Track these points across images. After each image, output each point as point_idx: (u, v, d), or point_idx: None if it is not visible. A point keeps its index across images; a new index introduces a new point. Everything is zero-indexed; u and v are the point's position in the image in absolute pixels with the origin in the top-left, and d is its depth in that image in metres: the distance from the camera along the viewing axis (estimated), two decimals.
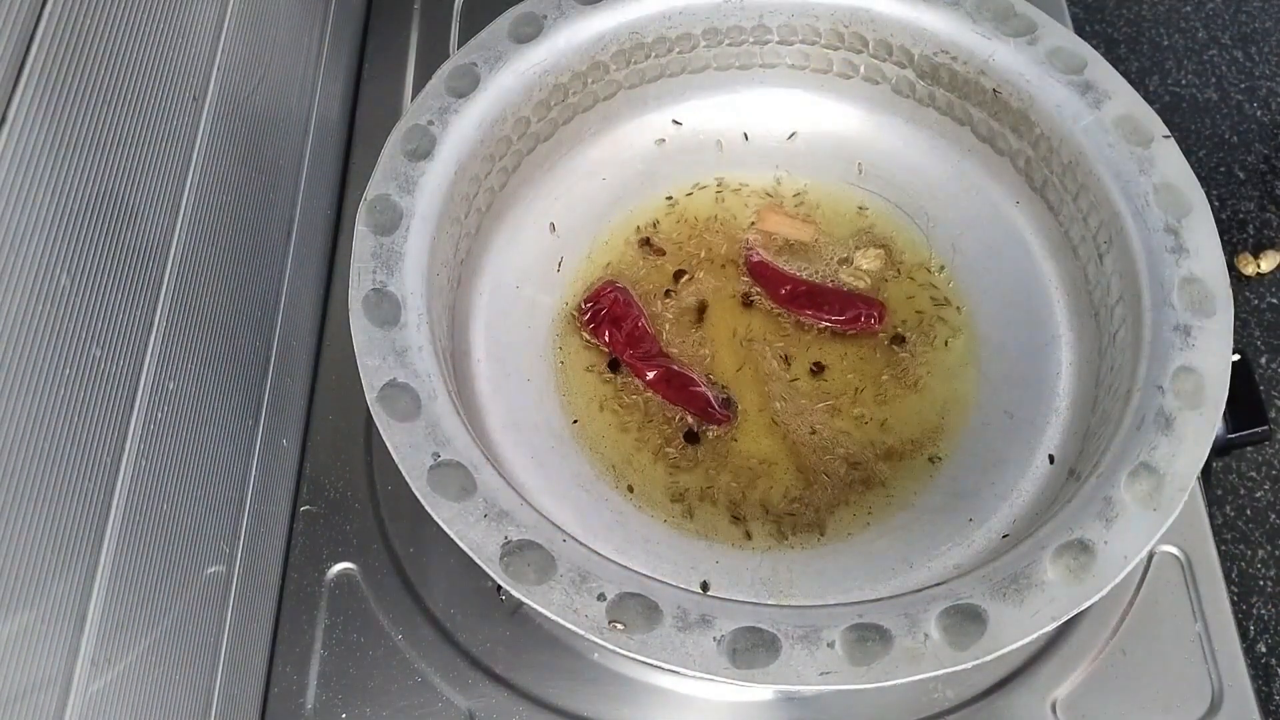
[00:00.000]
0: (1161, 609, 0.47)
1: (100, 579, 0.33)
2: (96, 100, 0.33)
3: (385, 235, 0.42)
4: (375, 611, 0.47)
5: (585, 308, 0.50)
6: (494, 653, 0.46)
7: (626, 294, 0.50)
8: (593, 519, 0.44)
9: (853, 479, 0.47)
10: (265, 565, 0.47)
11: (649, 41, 0.50)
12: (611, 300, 0.50)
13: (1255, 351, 1.02)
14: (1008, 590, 0.35)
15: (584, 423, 0.48)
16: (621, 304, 0.50)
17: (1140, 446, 0.38)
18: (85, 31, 0.32)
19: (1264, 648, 0.55)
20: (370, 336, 0.40)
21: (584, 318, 0.50)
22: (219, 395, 0.43)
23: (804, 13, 0.51)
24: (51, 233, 0.31)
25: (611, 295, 0.50)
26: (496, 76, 0.46)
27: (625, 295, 0.50)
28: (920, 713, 0.45)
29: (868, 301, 0.50)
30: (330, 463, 0.51)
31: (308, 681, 0.46)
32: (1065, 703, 0.45)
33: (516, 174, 0.50)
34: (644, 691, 0.46)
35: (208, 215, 0.42)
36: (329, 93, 0.59)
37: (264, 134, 0.48)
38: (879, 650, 0.34)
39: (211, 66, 0.43)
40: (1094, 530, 0.36)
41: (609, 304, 0.50)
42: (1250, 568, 0.59)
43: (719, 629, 0.34)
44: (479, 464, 0.37)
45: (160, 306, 0.38)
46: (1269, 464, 0.85)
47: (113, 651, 0.33)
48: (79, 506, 0.32)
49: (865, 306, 0.50)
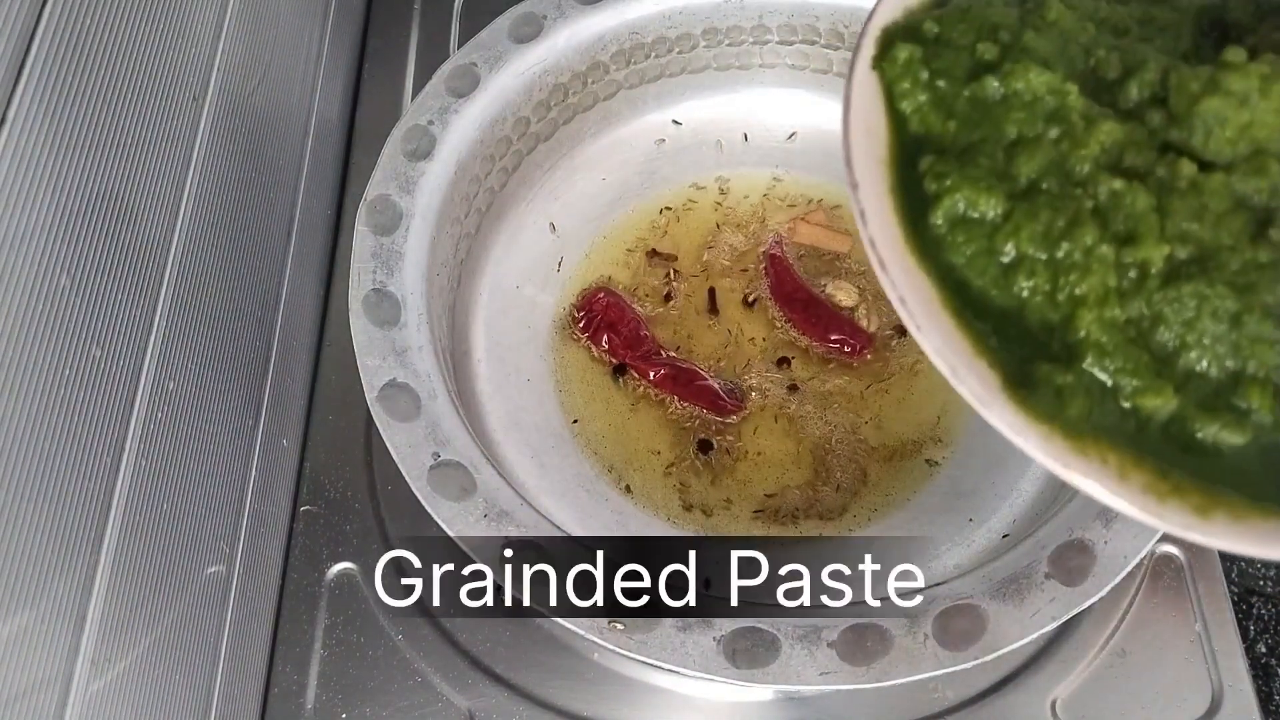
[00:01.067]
0: (1161, 609, 0.47)
1: (100, 579, 0.33)
2: (96, 100, 0.33)
3: (385, 235, 0.42)
4: (375, 611, 0.47)
5: (578, 316, 0.50)
6: (494, 653, 0.46)
7: (618, 297, 0.50)
8: (593, 519, 0.44)
9: (853, 480, 0.47)
10: (265, 565, 0.47)
11: (649, 41, 0.50)
12: (604, 305, 0.50)
13: None
14: (1008, 590, 0.35)
15: (584, 423, 0.48)
16: (615, 308, 0.50)
17: None
18: (85, 31, 0.32)
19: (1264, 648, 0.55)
20: (370, 336, 0.40)
21: (578, 326, 0.50)
22: (219, 395, 0.43)
23: (804, 13, 0.51)
24: (51, 233, 0.31)
25: (604, 300, 0.50)
26: (496, 76, 0.46)
27: (616, 299, 0.50)
28: (920, 713, 0.45)
29: (856, 332, 0.50)
30: (330, 463, 0.51)
31: (308, 681, 0.46)
32: (1065, 703, 0.45)
33: (516, 174, 0.50)
34: (644, 691, 0.46)
35: (208, 215, 0.42)
36: (329, 93, 0.59)
37: (264, 134, 0.48)
38: (879, 650, 0.34)
39: (211, 66, 0.43)
40: (1094, 530, 0.36)
41: (602, 309, 0.49)
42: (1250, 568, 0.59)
43: (719, 629, 0.34)
44: (479, 464, 0.37)
45: (160, 306, 0.38)
46: None
47: (113, 651, 0.33)
48: (79, 506, 0.32)
49: (851, 336, 0.49)
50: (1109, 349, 0.25)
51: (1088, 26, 0.28)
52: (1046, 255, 0.25)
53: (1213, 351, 0.24)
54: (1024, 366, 0.25)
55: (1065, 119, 0.26)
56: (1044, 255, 0.25)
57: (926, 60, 0.28)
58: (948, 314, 0.26)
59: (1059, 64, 0.27)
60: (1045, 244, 0.25)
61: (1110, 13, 0.29)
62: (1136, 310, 0.25)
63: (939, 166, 0.27)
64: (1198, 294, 0.24)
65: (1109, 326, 0.25)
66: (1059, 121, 0.26)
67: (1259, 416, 0.24)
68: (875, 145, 0.28)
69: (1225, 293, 0.24)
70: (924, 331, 0.25)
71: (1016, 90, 0.27)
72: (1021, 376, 0.25)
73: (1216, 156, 0.26)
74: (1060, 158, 0.26)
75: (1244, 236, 0.25)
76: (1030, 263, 0.25)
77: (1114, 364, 0.25)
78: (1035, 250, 0.25)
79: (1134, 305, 0.25)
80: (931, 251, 0.26)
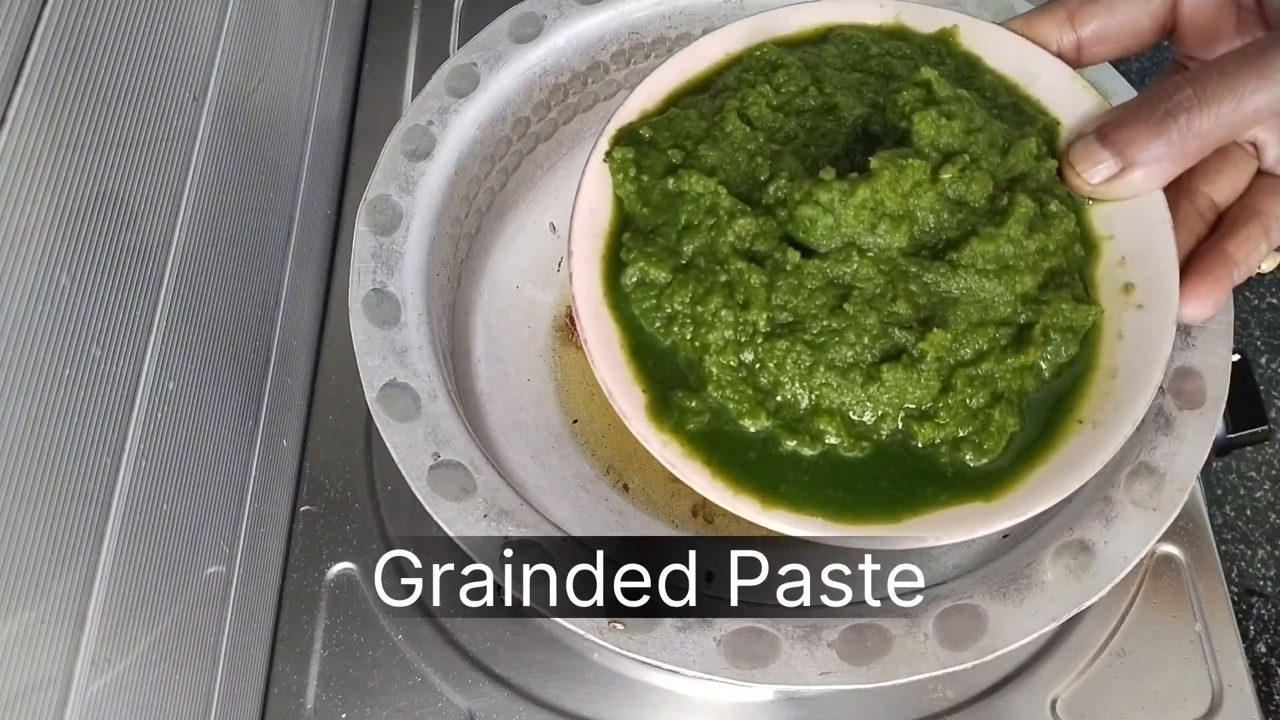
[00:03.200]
0: (1161, 609, 0.47)
1: (100, 579, 0.33)
2: (96, 100, 0.33)
3: (385, 235, 0.42)
4: (375, 611, 0.47)
5: (573, 321, 0.50)
6: (494, 653, 0.46)
7: None
8: (593, 519, 0.44)
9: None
10: (265, 565, 0.47)
11: (649, 41, 0.50)
12: None
13: (1255, 351, 1.02)
14: (1008, 590, 0.35)
15: (584, 423, 0.48)
16: None
17: (1140, 446, 0.38)
18: (85, 31, 0.32)
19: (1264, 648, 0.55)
20: (370, 336, 0.40)
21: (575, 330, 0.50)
22: (219, 395, 0.43)
23: None
24: (51, 233, 0.31)
25: None
26: (496, 76, 0.46)
27: None
28: (920, 713, 0.45)
29: None
30: (330, 463, 0.51)
31: (308, 681, 0.46)
32: (1065, 703, 0.45)
33: (516, 174, 0.50)
34: (644, 691, 0.46)
35: (208, 215, 0.42)
36: (329, 93, 0.59)
37: (264, 134, 0.48)
38: (879, 650, 0.34)
39: (211, 66, 0.43)
40: (1094, 530, 0.36)
41: None
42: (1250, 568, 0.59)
43: (719, 629, 0.34)
44: (479, 464, 0.37)
45: (160, 306, 0.38)
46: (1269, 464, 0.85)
47: (113, 651, 0.33)
48: (79, 506, 0.32)
49: None
50: (724, 383, 0.33)
51: (757, 136, 0.36)
52: (690, 313, 0.34)
53: (793, 390, 0.33)
54: (666, 394, 0.34)
55: (715, 213, 0.35)
56: (689, 313, 0.34)
57: (638, 159, 0.36)
58: (624, 352, 0.35)
59: (725, 168, 0.36)
60: (691, 304, 0.34)
61: (784, 124, 0.37)
62: (748, 357, 0.34)
63: (631, 242, 0.35)
64: (787, 349, 0.33)
65: (725, 367, 0.34)
66: (712, 214, 0.35)
67: (831, 438, 0.33)
68: (596, 221, 0.36)
69: (804, 349, 0.33)
70: (596, 363, 0.34)
71: (685, 189, 0.35)
72: (663, 400, 0.34)
73: (819, 246, 0.34)
74: (710, 241, 0.34)
75: (825, 309, 0.33)
76: (681, 317, 0.34)
77: (728, 393, 0.33)
78: (684, 309, 0.34)
79: (745, 353, 0.34)
80: (621, 304, 0.35)
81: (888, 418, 0.33)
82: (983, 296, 0.34)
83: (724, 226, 0.34)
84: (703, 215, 0.35)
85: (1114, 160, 0.33)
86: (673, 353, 0.34)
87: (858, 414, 0.33)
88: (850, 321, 0.33)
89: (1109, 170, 0.34)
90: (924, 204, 0.34)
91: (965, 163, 0.34)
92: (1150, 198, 0.34)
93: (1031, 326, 0.34)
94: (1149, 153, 0.32)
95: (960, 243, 0.34)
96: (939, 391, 0.33)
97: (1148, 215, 0.34)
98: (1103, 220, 0.35)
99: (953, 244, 0.34)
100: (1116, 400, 0.33)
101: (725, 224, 0.34)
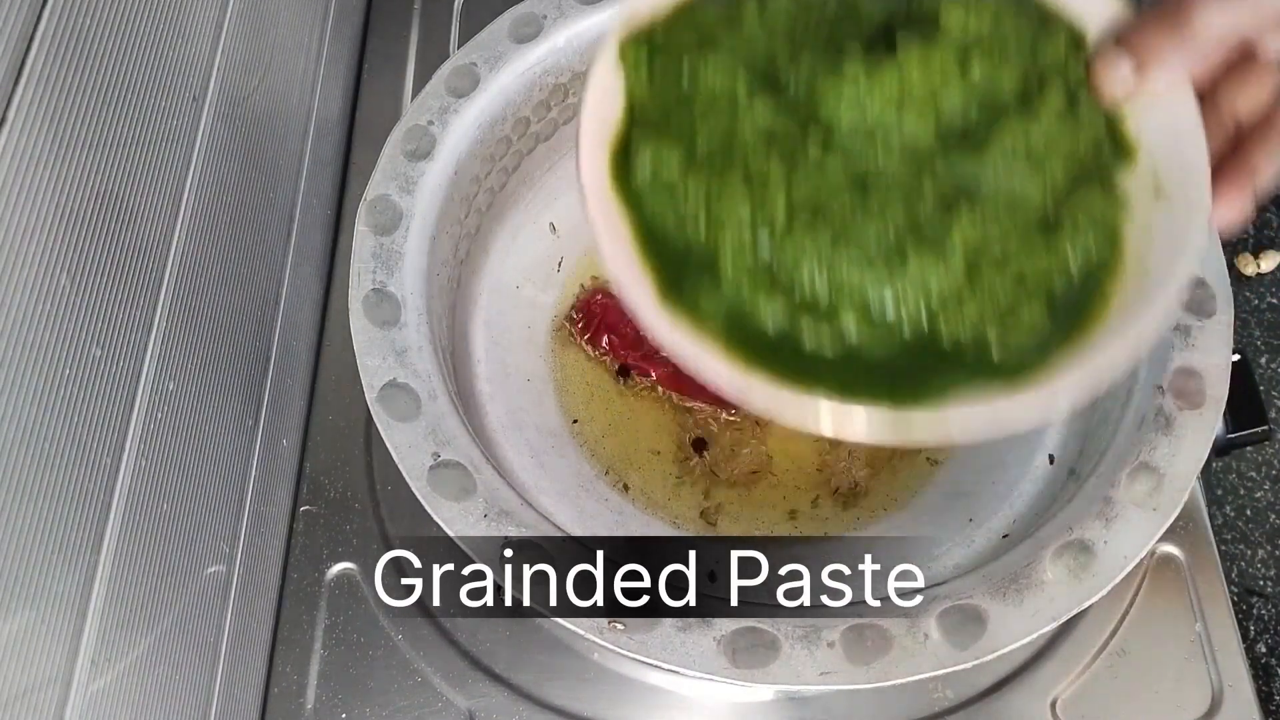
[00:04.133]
0: (1161, 609, 0.47)
1: (100, 579, 0.33)
2: (96, 100, 0.33)
3: (385, 235, 0.42)
4: (375, 611, 0.47)
5: (576, 318, 0.50)
6: (494, 653, 0.46)
7: (615, 299, 0.50)
8: (593, 519, 0.44)
9: (854, 480, 0.47)
10: (265, 565, 0.47)
11: None
12: (602, 307, 0.50)
13: (1255, 351, 1.02)
14: (1008, 590, 0.35)
15: (584, 423, 0.48)
16: (613, 309, 0.49)
17: (1140, 446, 0.38)
18: (85, 31, 0.32)
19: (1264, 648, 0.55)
20: (370, 336, 0.40)
21: (577, 328, 0.50)
22: (219, 395, 0.43)
23: None
24: (51, 233, 0.31)
25: (601, 302, 0.50)
26: (496, 76, 0.46)
27: (614, 300, 0.50)
28: (920, 713, 0.45)
29: None
30: (330, 463, 0.51)
31: (308, 681, 0.46)
32: (1065, 703, 0.45)
33: (516, 174, 0.50)
34: (644, 691, 0.46)
35: (208, 215, 0.42)
36: (329, 93, 0.59)
37: (264, 134, 0.48)
38: (879, 650, 0.34)
39: (211, 66, 0.43)
40: (1094, 530, 0.36)
41: (600, 311, 0.49)
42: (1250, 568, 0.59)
43: (719, 629, 0.34)
44: (479, 464, 0.37)
45: (160, 306, 0.38)
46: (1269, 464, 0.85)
47: (113, 651, 0.33)
48: (79, 506, 0.32)
49: None
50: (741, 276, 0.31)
51: (776, 29, 0.34)
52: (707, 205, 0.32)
53: (814, 283, 0.31)
54: (678, 278, 0.32)
55: (734, 99, 0.33)
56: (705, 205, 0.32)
57: (650, 49, 0.35)
58: (634, 244, 0.33)
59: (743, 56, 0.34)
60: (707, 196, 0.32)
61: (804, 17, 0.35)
62: (765, 250, 0.32)
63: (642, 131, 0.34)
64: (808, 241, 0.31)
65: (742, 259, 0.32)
66: (730, 101, 0.33)
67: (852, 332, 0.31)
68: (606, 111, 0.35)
69: (825, 240, 0.31)
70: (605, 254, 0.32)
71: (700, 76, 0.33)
72: (676, 291, 0.32)
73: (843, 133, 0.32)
74: (729, 128, 0.33)
75: (848, 199, 0.31)
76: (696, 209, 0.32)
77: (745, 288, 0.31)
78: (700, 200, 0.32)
79: (763, 246, 0.32)
80: (631, 196, 0.33)
81: (912, 310, 0.31)
82: (1011, 187, 0.32)
83: (743, 112, 0.32)
84: (721, 102, 0.33)
85: (1131, 60, 0.33)
86: (686, 246, 0.33)
87: (880, 306, 0.31)
88: (874, 212, 0.31)
89: (1128, 69, 0.33)
90: (952, 91, 0.32)
91: (995, 50, 0.33)
92: (1180, 105, 0.33)
93: (1060, 218, 0.32)
94: (1165, 49, 0.32)
95: (989, 132, 0.32)
96: (965, 282, 0.31)
97: (1179, 123, 0.33)
98: (1133, 127, 0.34)
99: (981, 133, 0.33)
100: (1149, 297, 0.32)
101: (745, 109, 0.32)
